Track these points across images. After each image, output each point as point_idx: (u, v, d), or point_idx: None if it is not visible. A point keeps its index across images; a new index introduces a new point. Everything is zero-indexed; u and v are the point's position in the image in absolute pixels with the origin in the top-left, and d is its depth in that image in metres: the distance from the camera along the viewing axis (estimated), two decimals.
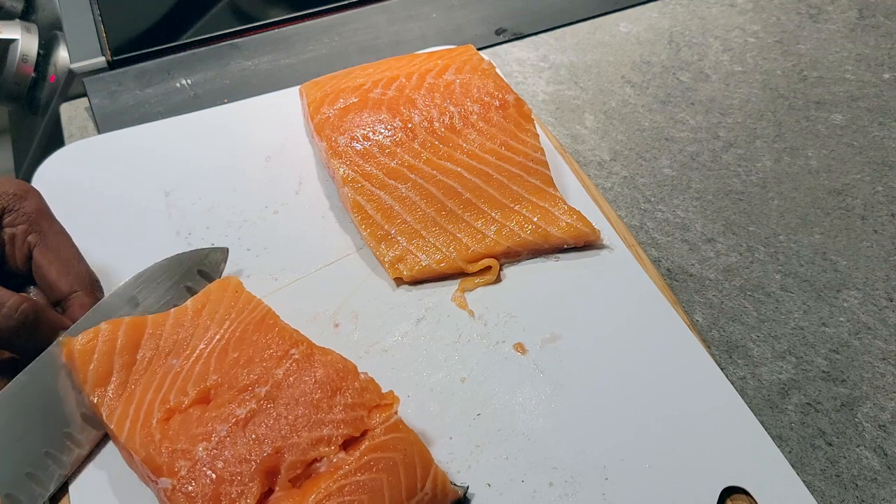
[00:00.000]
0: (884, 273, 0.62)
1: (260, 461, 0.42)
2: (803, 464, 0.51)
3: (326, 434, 0.43)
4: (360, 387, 0.45)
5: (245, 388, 0.45)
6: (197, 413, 0.44)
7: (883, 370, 0.56)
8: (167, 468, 0.42)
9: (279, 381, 0.45)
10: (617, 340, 0.54)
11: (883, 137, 0.74)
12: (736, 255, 0.64)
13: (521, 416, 0.50)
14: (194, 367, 0.46)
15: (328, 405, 0.44)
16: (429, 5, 0.87)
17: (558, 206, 0.60)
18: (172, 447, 0.42)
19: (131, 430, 0.44)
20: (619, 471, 0.47)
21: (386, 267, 0.57)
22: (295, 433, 0.43)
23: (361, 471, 0.42)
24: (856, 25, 0.87)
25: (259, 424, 0.43)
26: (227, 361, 0.46)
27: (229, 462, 0.42)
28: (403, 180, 0.59)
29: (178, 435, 0.43)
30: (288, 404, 0.44)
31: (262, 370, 0.45)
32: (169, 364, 0.47)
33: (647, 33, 0.86)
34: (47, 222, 0.51)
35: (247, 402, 0.44)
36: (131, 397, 0.45)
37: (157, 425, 0.44)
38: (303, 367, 0.46)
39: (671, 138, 0.74)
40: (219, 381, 0.45)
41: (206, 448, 0.42)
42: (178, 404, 0.45)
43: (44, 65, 0.84)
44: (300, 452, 0.42)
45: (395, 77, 0.66)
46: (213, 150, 0.66)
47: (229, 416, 0.44)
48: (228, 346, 0.47)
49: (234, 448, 0.42)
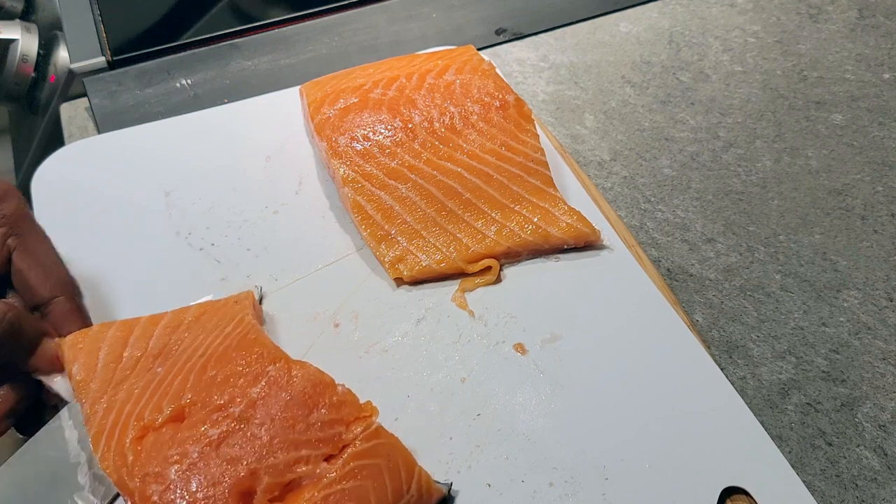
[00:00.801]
0: (884, 273, 0.62)
1: (234, 483, 0.41)
2: (803, 464, 0.51)
3: (304, 454, 0.42)
4: (339, 400, 0.45)
5: (219, 408, 0.44)
6: (170, 433, 0.43)
7: (883, 370, 0.56)
8: (139, 494, 0.41)
9: (253, 400, 0.44)
10: (617, 341, 0.54)
11: (883, 137, 0.74)
12: (736, 256, 0.64)
13: (521, 417, 0.50)
14: (173, 381, 0.45)
15: (305, 424, 0.43)
16: (429, 5, 0.87)
17: (558, 206, 0.60)
18: (144, 470, 0.41)
19: (106, 447, 0.43)
20: (619, 471, 0.47)
21: (386, 267, 0.57)
22: (271, 454, 0.42)
23: (346, 479, 0.42)
24: (856, 25, 0.87)
25: (233, 445, 0.42)
26: (204, 379, 0.45)
27: (202, 485, 0.41)
28: (403, 180, 0.59)
29: (150, 457, 0.42)
30: (263, 424, 0.43)
31: (236, 390, 0.44)
32: (154, 372, 0.46)
33: (648, 33, 0.86)
34: (27, 225, 0.50)
35: (220, 422, 0.43)
36: (111, 406, 0.45)
37: (131, 445, 0.43)
38: (279, 384, 0.45)
39: (671, 138, 0.74)
40: (193, 399, 0.44)
41: (179, 471, 0.41)
42: (151, 422, 0.43)
43: (44, 65, 0.84)
44: (277, 474, 0.41)
45: (395, 77, 0.66)
46: (213, 151, 0.66)
47: (202, 436, 0.42)
48: (209, 362, 0.46)
49: (206, 470, 0.41)
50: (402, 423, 0.49)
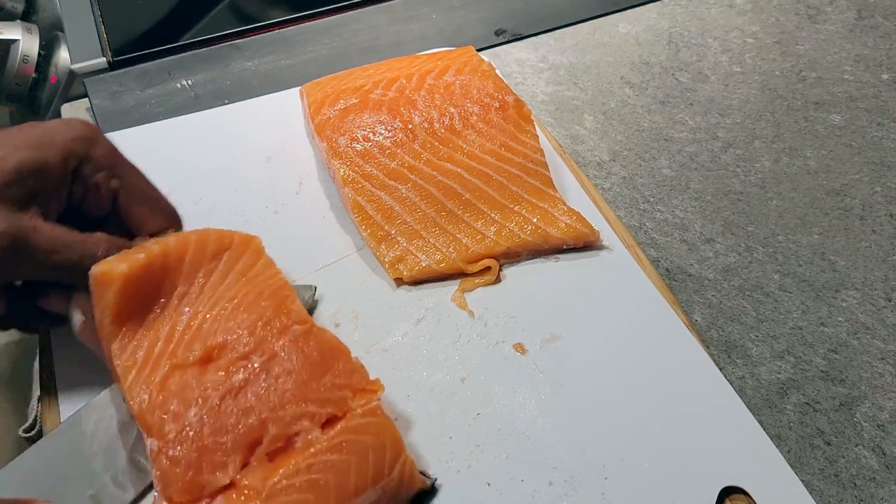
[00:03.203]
0: (882, 273, 0.63)
1: (245, 432, 0.42)
2: (802, 463, 0.51)
3: (311, 410, 0.44)
4: (351, 368, 0.46)
5: (243, 356, 0.45)
6: (195, 374, 0.44)
7: (881, 370, 0.56)
8: (156, 429, 0.42)
9: (276, 352, 0.45)
10: (616, 341, 0.54)
11: (881, 138, 0.74)
12: (735, 256, 0.64)
13: (520, 416, 0.50)
14: (203, 322, 0.46)
15: (317, 383, 0.45)
16: (429, 6, 0.88)
17: (558, 206, 0.60)
18: (165, 408, 0.43)
19: (135, 380, 0.44)
20: (618, 470, 0.48)
21: (386, 267, 0.57)
22: (281, 407, 0.43)
23: (332, 451, 0.43)
24: (854, 26, 0.87)
25: (250, 394, 0.44)
26: (237, 322, 0.46)
27: (216, 430, 0.42)
28: (403, 181, 0.60)
29: (173, 395, 0.43)
30: (279, 377, 0.44)
31: (262, 339, 0.46)
32: (181, 311, 0.47)
33: (647, 34, 0.86)
34: (122, 162, 0.50)
35: (243, 370, 0.44)
36: (141, 343, 0.45)
37: (159, 380, 0.44)
38: (300, 343, 0.46)
39: (670, 139, 0.74)
40: (224, 341, 0.46)
41: (197, 413, 0.42)
42: (183, 360, 0.45)
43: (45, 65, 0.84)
44: (284, 426, 0.43)
45: (395, 78, 0.66)
46: (213, 151, 0.66)
47: (224, 382, 0.44)
48: (242, 306, 0.47)
49: (223, 416, 0.43)
50: (401, 423, 0.50)
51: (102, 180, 0.48)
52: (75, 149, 0.47)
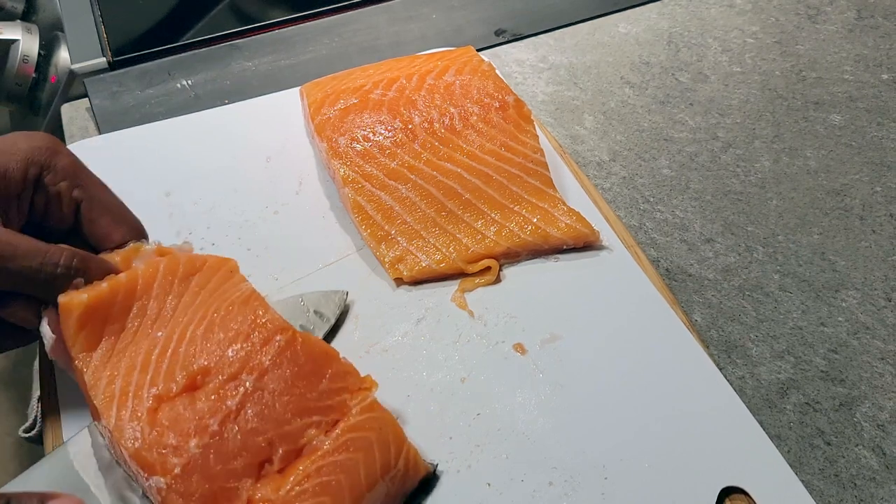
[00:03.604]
0: (882, 273, 0.63)
1: (253, 453, 0.41)
2: (802, 463, 0.51)
3: (316, 420, 0.43)
4: (343, 371, 0.46)
5: (233, 377, 0.44)
6: (186, 403, 0.43)
7: (881, 370, 0.56)
8: (160, 466, 0.40)
9: (265, 369, 0.44)
10: (616, 341, 0.54)
11: (881, 138, 0.74)
12: (735, 256, 0.64)
13: (520, 416, 0.50)
14: (179, 345, 0.45)
15: (316, 393, 0.44)
16: (429, 6, 0.88)
17: (558, 207, 0.60)
18: (163, 443, 0.41)
19: (119, 417, 0.42)
20: (618, 470, 0.48)
21: (386, 267, 0.57)
22: (287, 422, 0.43)
23: (338, 451, 0.43)
24: (854, 26, 0.87)
25: (250, 415, 0.43)
26: (214, 342, 0.45)
27: (223, 457, 0.41)
28: (403, 181, 0.60)
29: (168, 429, 0.42)
30: (275, 392, 0.43)
31: (247, 355, 0.45)
32: (154, 336, 0.46)
33: (647, 34, 0.86)
34: (85, 174, 0.50)
35: (236, 391, 0.43)
36: (115, 373, 0.44)
37: (146, 415, 0.42)
38: (288, 354, 0.45)
39: (670, 139, 0.74)
40: (207, 365, 0.44)
41: (199, 443, 0.41)
42: (166, 391, 0.43)
43: (45, 65, 0.84)
44: (293, 440, 0.42)
45: (395, 78, 0.66)
46: (213, 151, 0.66)
47: (219, 407, 0.43)
48: (214, 324, 0.46)
49: (227, 442, 0.42)
50: (402, 423, 0.49)
51: (64, 190, 0.48)
52: (36, 157, 0.47)
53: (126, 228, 0.50)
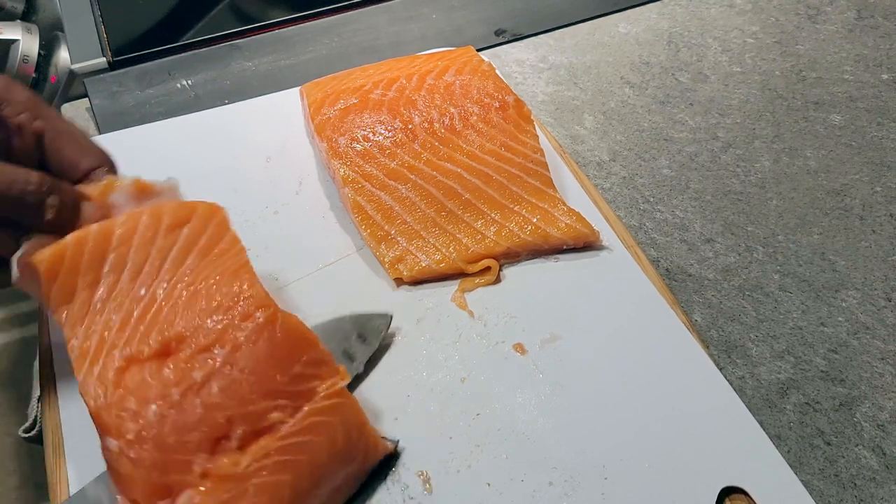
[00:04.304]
0: (882, 273, 0.63)
1: (210, 429, 0.40)
2: (802, 463, 0.51)
3: (281, 404, 0.42)
4: (319, 359, 0.45)
5: (205, 348, 0.42)
6: (153, 369, 0.42)
7: (881, 370, 0.56)
8: (115, 428, 0.40)
9: (239, 344, 0.42)
10: (616, 341, 0.54)
11: (881, 138, 0.74)
12: (735, 256, 0.64)
13: (520, 416, 0.50)
14: (162, 307, 0.44)
15: (286, 376, 0.43)
16: (429, 6, 0.88)
17: (558, 207, 0.60)
18: (122, 405, 0.40)
19: (88, 372, 0.42)
20: (618, 470, 0.48)
21: (386, 267, 0.57)
22: (250, 402, 0.41)
23: (302, 433, 0.42)
24: (854, 26, 0.88)
25: (214, 390, 0.41)
26: (196, 309, 0.44)
27: (179, 429, 0.40)
28: (403, 181, 0.60)
29: (131, 392, 0.41)
30: (245, 370, 0.42)
31: (224, 328, 0.43)
32: (137, 294, 0.44)
33: (647, 34, 0.86)
34: (44, 106, 0.49)
35: (205, 364, 0.42)
36: (92, 328, 0.43)
37: (114, 376, 0.41)
38: (265, 332, 0.43)
39: (670, 139, 0.74)
40: (182, 332, 0.43)
41: (158, 411, 0.40)
42: (138, 353, 0.42)
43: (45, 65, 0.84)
44: (253, 422, 0.41)
45: (395, 78, 0.66)
46: (213, 151, 0.66)
47: (185, 378, 0.41)
48: (200, 292, 0.44)
49: (185, 414, 0.40)
50: (401, 423, 0.50)
51: (25, 122, 0.47)
52: None
53: (92, 156, 0.49)
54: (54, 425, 0.50)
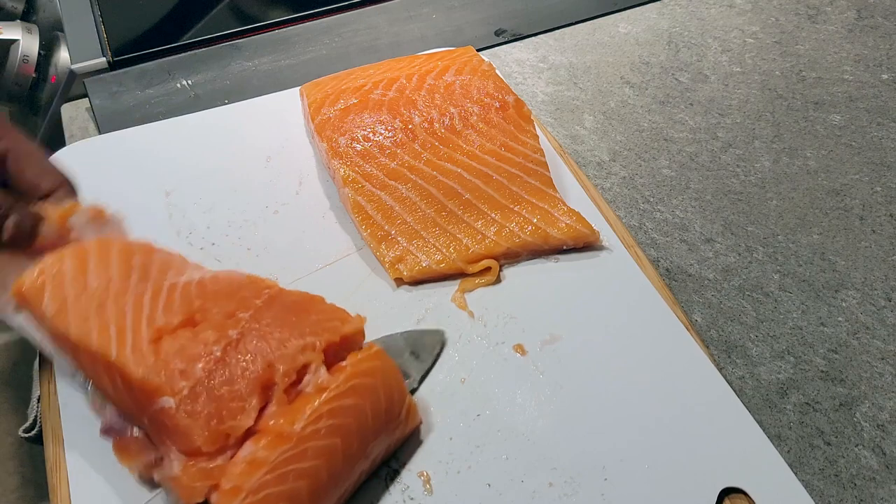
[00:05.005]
0: (882, 273, 0.63)
1: (256, 376, 0.44)
2: (802, 463, 0.51)
3: (310, 341, 0.45)
4: (330, 308, 0.49)
5: (230, 314, 0.47)
6: (187, 335, 0.46)
7: (881, 370, 0.56)
8: (169, 388, 0.43)
9: (259, 308, 0.47)
10: (616, 342, 0.54)
11: (881, 138, 0.74)
12: (734, 256, 0.64)
13: (520, 417, 0.50)
14: (172, 293, 0.48)
15: (307, 322, 0.47)
16: (429, 6, 0.88)
17: (558, 207, 0.60)
18: (170, 367, 0.44)
19: (120, 350, 0.45)
20: (618, 471, 0.48)
21: (386, 267, 0.57)
22: (282, 345, 0.45)
23: (347, 395, 0.45)
24: (854, 26, 0.87)
25: (249, 343, 0.45)
26: (208, 292, 0.48)
27: (228, 379, 0.44)
28: (404, 181, 0.60)
29: (172, 355, 0.44)
30: (270, 324, 0.46)
31: (239, 300, 0.48)
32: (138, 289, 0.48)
33: (646, 34, 0.86)
34: (8, 130, 0.51)
35: (234, 324, 0.46)
36: (106, 321, 0.46)
37: (149, 346, 0.45)
38: (276, 298, 0.48)
39: (670, 139, 0.74)
40: (204, 305, 0.47)
41: (204, 367, 0.44)
42: (166, 325, 0.46)
43: (45, 65, 0.84)
44: (290, 360, 0.44)
45: (395, 78, 0.66)
46: (213, 151, 0.66)
47: (221, 337, 0.45)
48: (205, 280, 0.49)
49: (230, 366, 0.44)
50: None
51: None
52: None
53: (52, 178, 0.52)
54: (54, 425, 0.50)
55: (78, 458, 0.48)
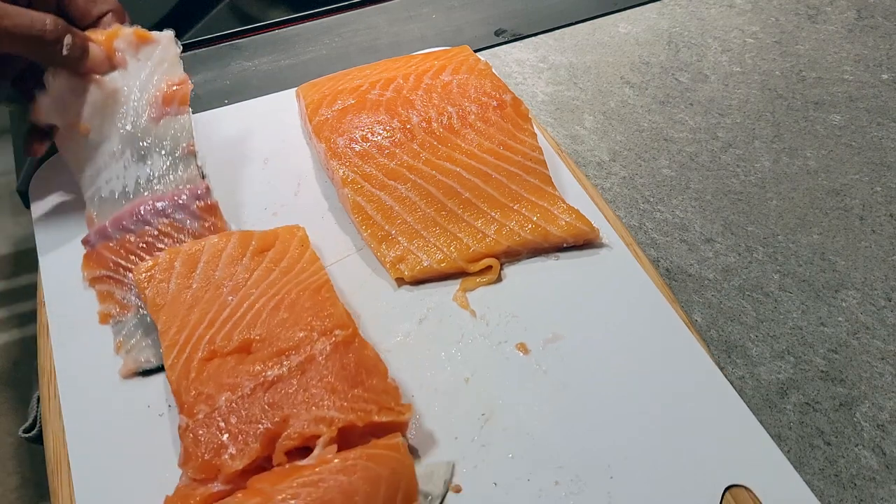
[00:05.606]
0: (882, 273, 0.63)
1: (268, 426, 0.44)
2: (802, 463, 0.51)
3: (331, 416, 0.45)
4: (383, 389, 0.47)
5: (282, 352, 0.47)
6: (233, 362, 0.47)
7: (881, 370, 0.56)
8: (188, 408, 0.45)
9: (313, 356, 0.47)
10: (618, 341, 0.54)
11: (881, 138, 0.74)
12: (735, 256, 0.64)
13: (525, 416, 0.50)
14: (246, 314, 0.50)
15: (346, 393, 0.46)
16: (429, 6, 0.88)
17: (557, 204, 0.60)
18: (200, 389, 0.46)
19: (175, 359, 0.48)
20: (623, 470, 0.48)
21: (387, 267, 0.57)
22: (306, 407, 0.45)
23: (344, 472, 0.42)
24: (854, 26, 0.88)
25: (280, 390, 0.46)
26: (276, 320, 0.49)
27: (242, 419, 0.45)
28: (403, 181, 0.60)
29: (209, 379, 0.46)
30: (311, 379, 0.46)
31: (302, 339, 0.48)
32: (225, 301, 0.50)
33: (646, 34, 0.86)
34: None
35: (279, 365, 0.47)
36: (185, 325, 0.49)
37: (198, 364, 0.47)
38: (340, 352, 0.48)
39: (670, 139, 0.74)
40: (263, 335, 0.48)
41: (228, 399, 0.45)
42: (221, 347, 0.48)
43: None
44: (303, 425, 0.44)
45: (392, 78, 0.66)
46: (211, 152, 0.66)
47: (258, 374, 0.46)
48: (282, 304, 0.50)
49: (251, 406, 0.45)
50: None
51: None
52: None
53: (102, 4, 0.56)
54: (55, 425, 0.49)
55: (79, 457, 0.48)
